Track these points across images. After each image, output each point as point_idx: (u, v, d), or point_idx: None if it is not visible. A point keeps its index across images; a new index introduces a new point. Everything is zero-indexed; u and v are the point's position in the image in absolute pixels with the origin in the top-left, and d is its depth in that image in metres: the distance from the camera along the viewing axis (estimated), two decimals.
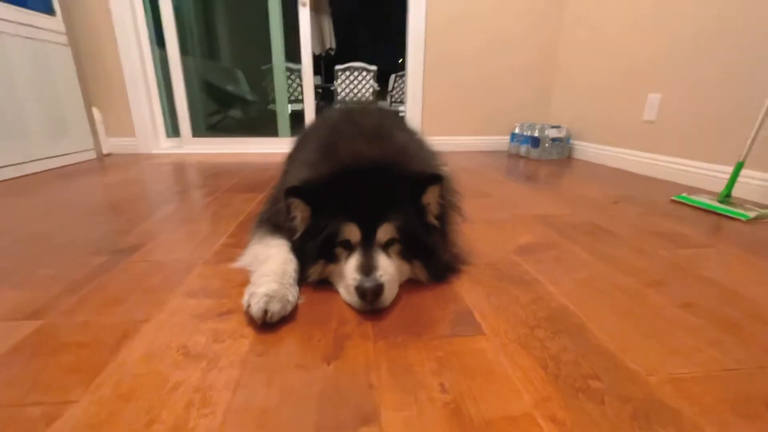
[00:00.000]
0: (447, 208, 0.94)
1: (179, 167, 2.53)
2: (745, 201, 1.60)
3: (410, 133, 1.05)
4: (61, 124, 2.49)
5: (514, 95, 3.25)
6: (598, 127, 2.76)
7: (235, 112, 5.24)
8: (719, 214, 1.49)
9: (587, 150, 2.86)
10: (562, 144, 2.95)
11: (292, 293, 0.77)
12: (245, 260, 0.95)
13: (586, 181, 2.14)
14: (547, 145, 2.91)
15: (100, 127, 2.87)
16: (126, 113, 2.97)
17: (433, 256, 0.89)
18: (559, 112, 3.19)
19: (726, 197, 1.59)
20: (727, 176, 1.77)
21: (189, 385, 0.58)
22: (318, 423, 0.51)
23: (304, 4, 2.93)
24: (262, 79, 4.79)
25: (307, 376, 0.60)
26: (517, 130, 3.17)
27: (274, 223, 0.98)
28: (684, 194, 1.70)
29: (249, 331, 0.71)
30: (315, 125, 1.24)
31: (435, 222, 0.90)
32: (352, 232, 0.82)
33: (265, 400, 0.55)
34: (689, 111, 2.03)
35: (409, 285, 0.88)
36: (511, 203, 1.65)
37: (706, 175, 1.92)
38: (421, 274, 0.89)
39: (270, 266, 0.82)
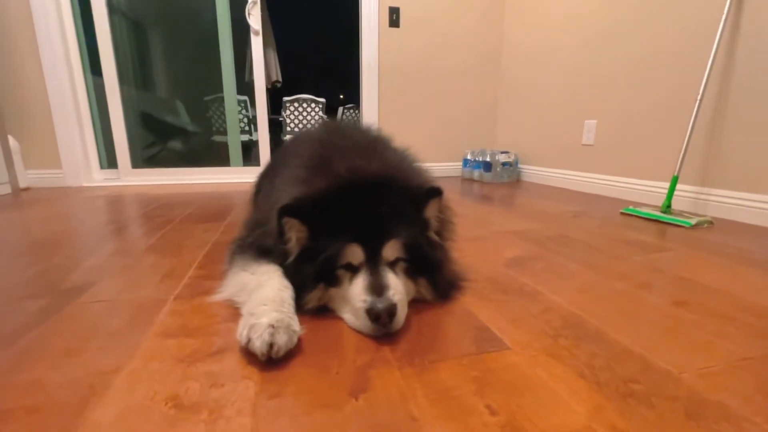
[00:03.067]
0: (445, 223, 0.92)
1: (119, 199, 2.27)
2: (683, 211, 1.79)
3: (401, 149, 1.03)
4: None
5: (463, 124, 3.43)
6: (542, 152, 2.99)
7: (175, 144, 4.94)
8: (664, 223, 1.65)
9: (534, 173, 3.06)
10: (512, 168, 3.13)
11: (296, 322, 0.68)
12: (229, 291, 0.83)
13: (541, 199, 2.27)
14: (498, 169, 3.08)
15: (17, 158, 2.51)
16: (51, 143, 2.64)
17: (438, 272, 0.85)
18: (505, 139, 3.42)
19: (667, 208, 1.76)
20: (660, 191, 1.98)
21: None
22: None
23: (256, 33, 2.90)
24: (204, 110, 4.61)
25: (338, 416, 0.51)
26: (468, 156, 3.32)
27: (258, 247, 0.88)
28: (631, 207, 1.86)
29: (252, 371, 0.60)
30: (296, 142, 1.17)
31: (436, 238, 0.87)
32: (355, 253, 0.75)
33: None
34: (623, 134, 2.27)
35: (415, 305, 0.82)
36: (485, 221, 1.68)
37: (642, 190, 2.12)
38: (427, 292, 0.85)
39: (265, 293, 0.72)
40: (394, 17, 3.07)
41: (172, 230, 1.50)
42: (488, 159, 3.08)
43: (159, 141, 4.64)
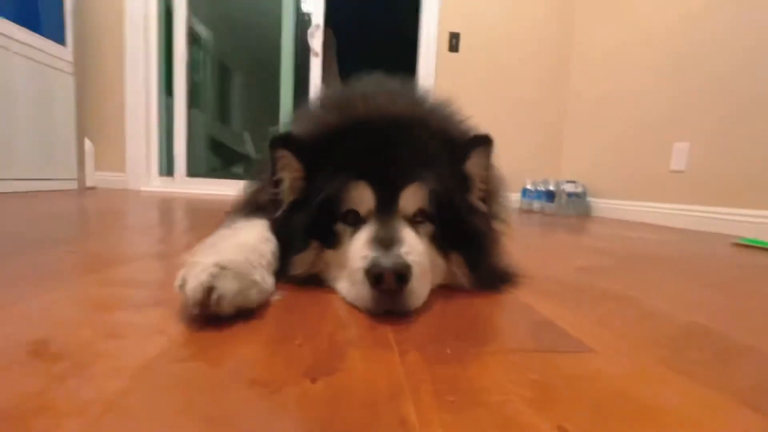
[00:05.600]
0: (494, 190, 0.67)
1: (168, 200, 2.29)
2: None
3: (445, 99, 0.81)
4: (47, 149, 2.34)
5: (523, 154, 3.15)
6: (618, 182, 2.60)
7: (237, 169, 5.25)
8: None
9: (608, 206, 2.65)
10: (580, 200, 2.75)
11: (261, 275, 0.47)
12: (203, 247, 0.65)
13: (619, 228, 1.88)
14: (563, 200, 2.72)
15: (89, 159, 2.70)
16: (119, 149, 2.83)
17: (479, 248, 0.60)
18: (571, 169, 3.06)
19: None
20: None
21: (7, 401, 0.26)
22: None
23: (316, 55, 2.97)
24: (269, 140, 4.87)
25: (264, 401, 0.28)
26: (528, 186, 3.01)
27: (252, 205, 0.70)
28: (746, 237, 1.44)
29: (176, 329, 0.39)
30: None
31: (482, 205, 0.63)
32: (362, 197, 0.54)
33: None
34: (723, 157, 1.86)
35: (443, 291, 0.57)
36: (547, 239, 1.38)
37: (753, 222, 1.66)
38: (462, 273, 0.58)
39: (235, 240, 0.53)
40: (453, 42, 3.00)
41: (196, 217, 1.40)
42: (551, 188, 2.75)
43: (224, 165, 4.98)
